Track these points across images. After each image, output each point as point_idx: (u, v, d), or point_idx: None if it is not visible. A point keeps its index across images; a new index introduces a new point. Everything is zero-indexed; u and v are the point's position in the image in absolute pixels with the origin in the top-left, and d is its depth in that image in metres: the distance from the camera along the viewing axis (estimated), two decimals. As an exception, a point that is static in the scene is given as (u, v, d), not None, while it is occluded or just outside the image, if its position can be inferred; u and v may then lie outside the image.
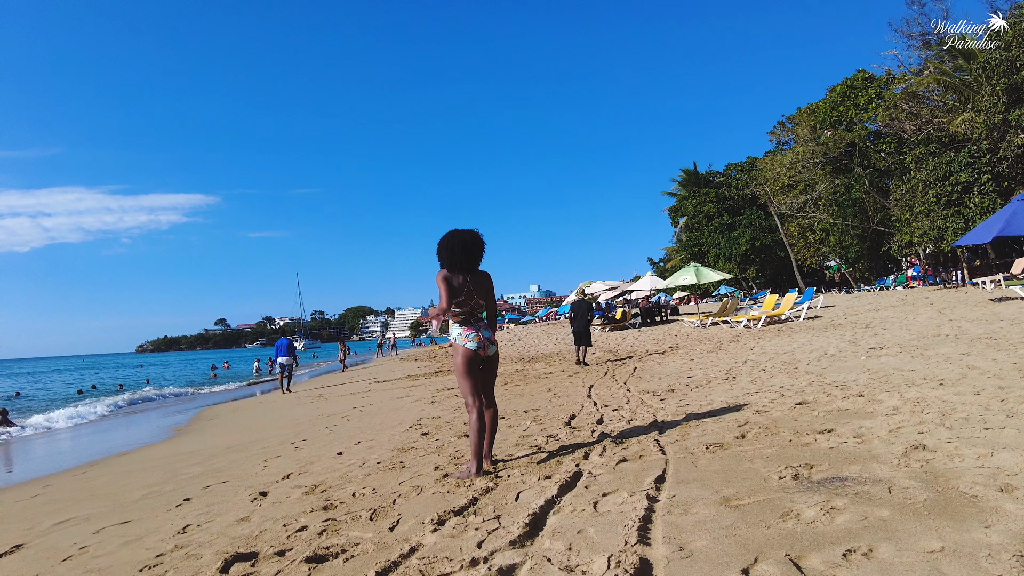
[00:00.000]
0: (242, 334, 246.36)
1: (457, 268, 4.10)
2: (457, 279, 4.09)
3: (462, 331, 4.12)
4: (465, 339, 4.09)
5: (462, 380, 4.12)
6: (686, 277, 20.98)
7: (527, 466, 4.08)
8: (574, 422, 5.78)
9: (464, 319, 4.14)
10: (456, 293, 4.05)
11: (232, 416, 12.96)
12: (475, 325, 4.15)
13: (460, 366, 4.10)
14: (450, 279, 4.05)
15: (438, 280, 4.01)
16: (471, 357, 4.11)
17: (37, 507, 5.56)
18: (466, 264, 4.12)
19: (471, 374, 4.13)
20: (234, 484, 5.13)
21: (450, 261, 4.08)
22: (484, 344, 4.13)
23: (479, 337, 4.12)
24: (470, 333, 4.10)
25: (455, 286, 4.05)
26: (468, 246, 4.12)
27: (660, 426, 4.99)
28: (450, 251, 4.09)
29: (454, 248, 4.08)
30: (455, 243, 4.10)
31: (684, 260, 50.47)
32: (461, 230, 4.18)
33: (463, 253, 4.09)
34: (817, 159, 36.62)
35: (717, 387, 7.05)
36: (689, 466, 3.56)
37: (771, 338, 13.35)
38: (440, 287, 3.98)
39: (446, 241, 4.13)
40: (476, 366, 4.15)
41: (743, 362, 9.44)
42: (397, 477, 4.40)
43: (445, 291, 3.95)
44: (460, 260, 4.09)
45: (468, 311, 4.14)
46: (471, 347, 4.07)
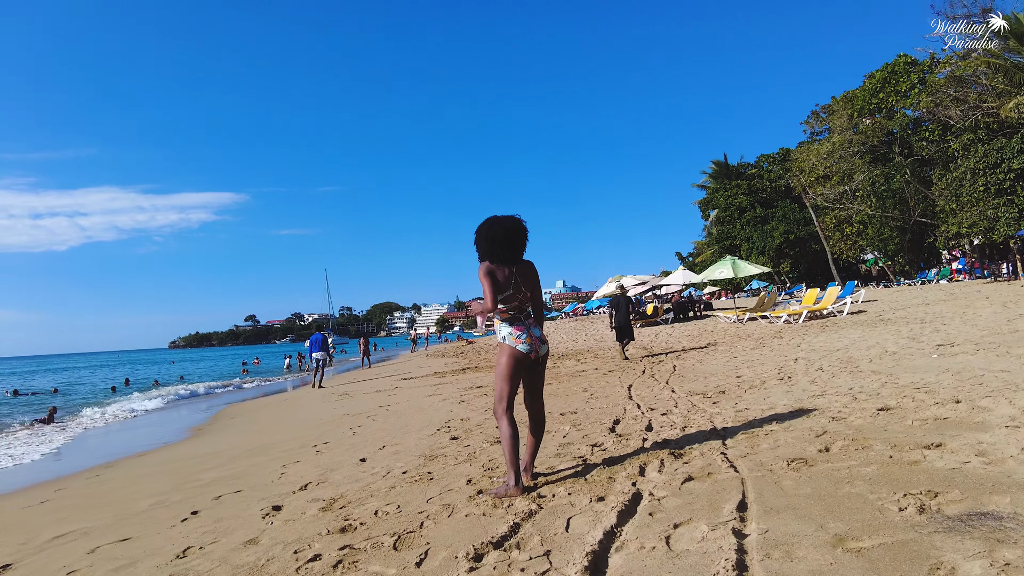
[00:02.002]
0: (271, 330, 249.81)
1: (500, 260, 3.57)
2: (502, 272, 3.56)
3: (512, 330, 3.59)
4: (516, 340, 3.56)
5: (502, 383, 3.59)
6: (722, 271, 20.14)
7: (573, 483, 3.54)
8: (619, 428, 5.21)
9: (513, 316, 3.61)
10: (502, 288, 3.53)
11: (256, 414, 12.66)
12: (525, 323, 3.62)
13: (504, 368, 3.58)
14: (494, 272, 3.52)
15: (481, 275, 3.50)
16: (520, 360, 3.58)
17: (42, 515, 5.20)
18: (510, 254, 3.59)
19: (514, 379, 3.60)
20: (247, 494, 4.68)
21: (491, 252, 3.57)
22: (536, 345, 3.60)
23: (531, 338, 3.59)
24: (521, 333, 3.57)
25: (500, 280, 3.53)
26: (510, 234, 3.59)
27: (721, 435, 4.39)
28: (490, 241, 3.57)
29: (495, 237, 3.56)
30: (496, 232, 3.57)
31: (715, 254, 49.23)
32: (500, 217, 3.65)
33: (505, 243, 3.56)
34: (855, 148, 35.24)
35: (774, 388, 6.42)
36: (772, 488, 2.97)
37: (816, 334, 12.60)
38: (484, 283, 3.46)
39: (485, 230, 3.61)
40: (522, 370, 3.63)
41: (794, 360, 8.76)
42: (425, 491, 3.89)
43: (490, 287, 3.44)
44: (503, 250, 3.57)
45: (517, 306, 3.61)
46: (522, 350, 3.55)
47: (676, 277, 27.51)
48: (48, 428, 13.54)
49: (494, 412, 3.68)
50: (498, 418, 3.61)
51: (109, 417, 15.29)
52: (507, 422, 3.56)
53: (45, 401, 22.27)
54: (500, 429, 3.58)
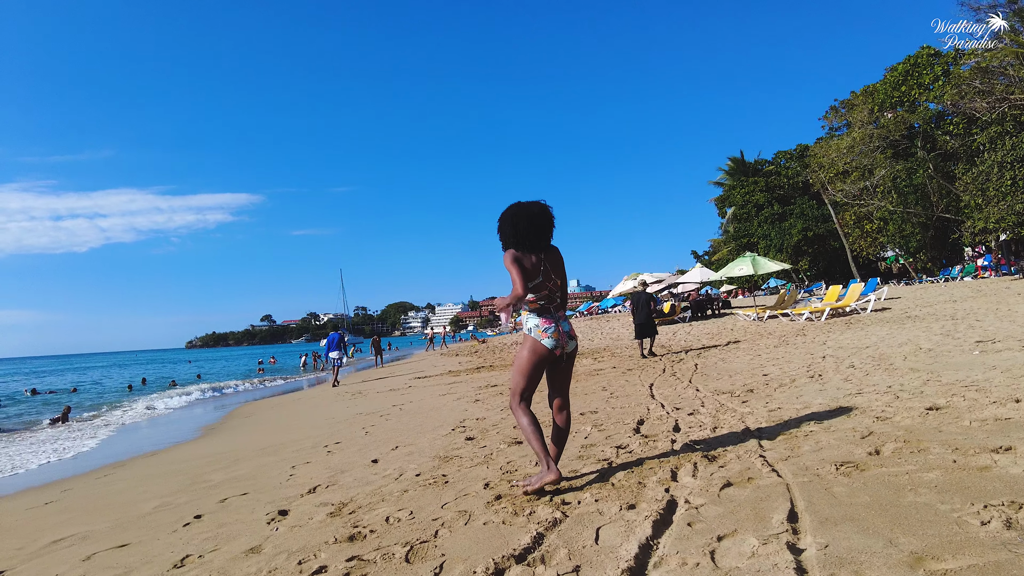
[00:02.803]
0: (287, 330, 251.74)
1: (527, 246, 3.32)
2: (529, 259, 3.30)
3: (539, 322, 3.33)
4: (542, 333, 3.30)
5: (519, 377, 3.35)
6: (742, 268, 19.66)
7: (600, 488, 3.27)
8: (644, 429, 4.93)
9: (543, 307, 3.35)
10: (531, 275, 3.28)
11: (270, 413, 12.51)
12: (555, 315, 3.37)
13: (525, 362, 3.33)
14: (522, 259, 3.26)
15: (507, 262, 3.23)
16: (544, 356, 3.32)
17: (44, 517, 5.03)
18: (537, 240, 3.34)
19: (533, 375, 3.35)
20: (254, 497, 4.46)
21: (517, 238, 3.31)
22: (563, 341, 3.34)
23: (558, 332, 3.33)
24: (548, 326, 3.31)
25: (528, 268, 3.27)
26: (537, 218, 3.34)
27: (756, 435, 4.09)
28: (516, 226, 3.32)
29: (521, 222, 3.31)
30: (522, 216, 3.33)
31: (732, 252, 48.55)
32: (525, 202, 3.41)
33: (532, 227, 3.32)
34: (876, 143, 34.50)
35: (805, 387, 6.09)
36: (824, 495, 2.68)
37: (841, 331, 12.21)
38: (512, 270, 3.20)
39: (510, 215, 3.37)
40: (544, 367, 3.37)
41: (822, 357, 8.42)
42: (439, 496, 3.64)
43: (519, 274, 3.18)
44: (530, 236, 3.31)
45: (547, 295, 3.35)
46: (547, 345, 3.29)
47: (693, 275, 27.08)
48: (62, 427, 13.50)
49: (510, 405, 3.44)
50: (513, 411, 3.38)
51: (124, 416, 15.23)
52: (523, 412, 3.34)
53: (63, 400, 22.37)
54: (518, 421, 3.35)
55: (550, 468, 3.25)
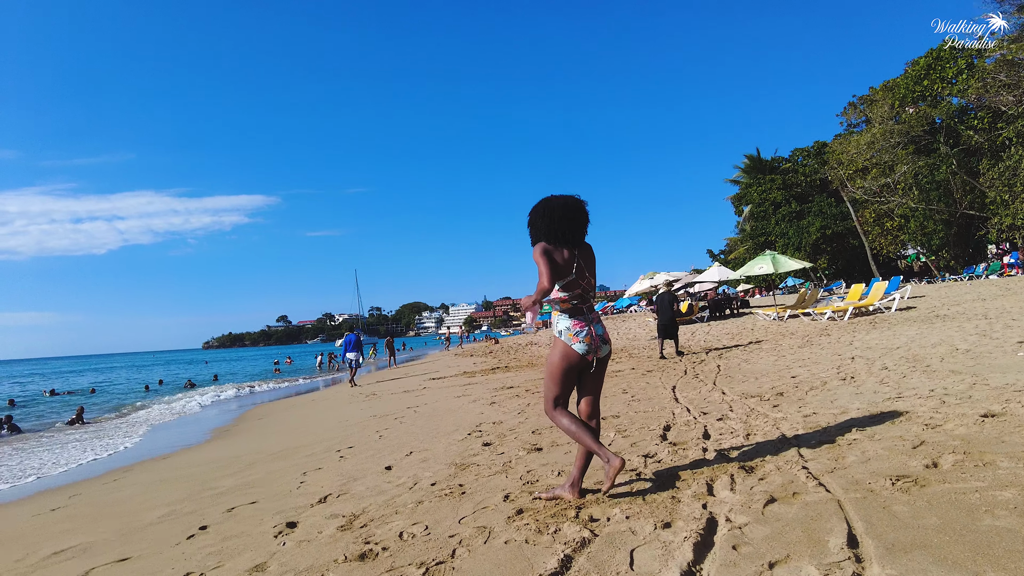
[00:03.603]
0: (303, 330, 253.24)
1: (560, 239, 3.08)
2: (561, 254, 3.06)
3: (570, 325, 3.09)
4: (574, 337, 3.07)
5: (552, 384, 3.13)
6: (761, 266, 19.27)
7: (630, 503, 3.02)
8: (671, 435, 4.67)
9: (575, 307, 3.11)
10: (562, 272, 3.04)
11: (283, 415, 12.37)
12: (587, 317, 3.13)
13: (556, 367, 3.10)
14: (552, 253, 3.03)
15: (536, 255, 2.99)
16: (575, 361, 3.09)
17: (48, 525, 4.87)
18: (571, 233, 3.10)
19: (566, 381, 3.12)
20: (262, 506, 4.27)
21: (549, 230, 3.08)
22: (596, 345, 3.10)
23: (591, 336, 3.09)
24: (580, 330, 3.08)
25: (560, 263, 3.04)
26: (571, 211, 3.11)
27: (794, 444, 3.82)
28: (549, 217, 3.08)
29: (553, 213, 3.08)
30: (556, 207, 3.10)
31: (749, 251, 47.90)
32: (561, 195, 3.18)
33: (565, 219, 3.09)
34: (897, 139, 33.77)
35: (838, 389, 5.79)
36: (883, 515, 2.41)
37: (867, 331, 11.84)
38: (540, 263, 2.96)
39: (542, 207, 3.14)
40: (576, 372, 3.13)
41: (850, 358, 8.09)
42: (456, 508, 3.41)
43: (548, 268, 2.94)
44: (563, 228, 3.08)
45: (580, 295, 3.11)
46: (578, 350, 3.06)
47: (711, 274, 26.66)
48: (79, 428, 13.48)
49: (545, 412, 3.22)
50: (552, 418, 3.16)
51: (140, 417, 15.21)
52: (560, 414, 3.13)
53: (81, 401, 22.50)
54: (559, 425, 3.13)
55: (611, 461, 3.01)
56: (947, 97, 32.54)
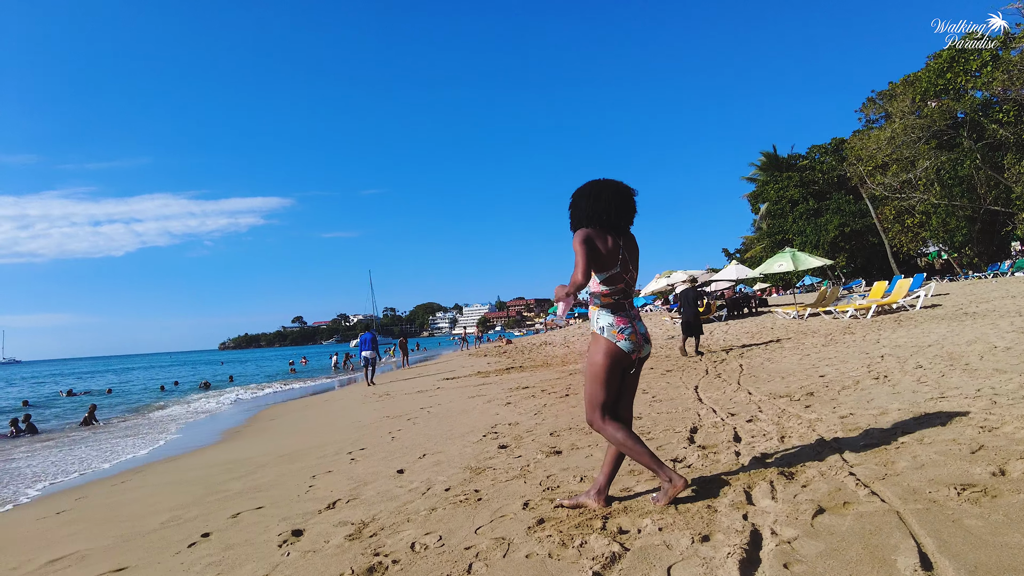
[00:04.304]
0: (318, 331, 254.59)
1: (607, 224, 2.81)
2: (604, 242, 2.79)
3: (614, 321, 2.82)
4: (618, 334, 2.80)
5: (596, 387, 2.83)
6: (781, 264, 18.85)
7: (662, 513, 2.77)
8: (699, 438, 4.40)
9: (617, 303, 2.84)
10: (605, 263, 2.77)
11: (295, 416, 12.22)
12: (630, 314, 2.87)
13: (600, 368, 2.81)
14: (594, 241, 2.75)
15: (577, 242, 2.70)
16: (620, 360, 2.82)
17: (51, 530, 4.71)
18: (619, 219, 2.83)
19: (612, 382, 2.85)
20: (268, 512, 4.06)
21: (595, 214, 2.80)
22: (639, 344, 2.85)
23: (636, 334, 2.83)
24: (625, 326, 2.81)
25: (603, 252, 2.77)
26: (622, 196, 2.84)
27: (835, 448, 3.54)
28: (596, 199, 2.81)
29: (601, 195, 2.81)
30: (604, 189, 2.83)
31: (765, 249, 47.26)
32: (607, 179, 2.91)
33: (613, 204, 2.81)
34: (918, 134, 33.06)
35: (873, 389, 5.49)
36: (955, 530, 2.14)
37: (893, 329, 11.46)
38: (579, 252, 2.67)
39: (590, 187, 2.87)
40: (620, 372, 2.88)
41: (880, 357, 7.76)
42: (472, 517, 3.18)
43: (584, 259, 2.65)
44: (611, 213, 2.81)
45: (624, 289, 2.85)
46: (624, 348, 2.80)
47: (729, 272, 26.24)
48: (94, 427, 13.44)
49: (589, 423, 2.91)
50: (599, 428, 2.87)
51: (155, 418, 15.17)
52: (613, 427, 2.83)
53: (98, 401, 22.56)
54: (611, 439, 2.84)
55: (673, 480, 2.77)
56: (971, 90, 31.80)
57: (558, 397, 8.05)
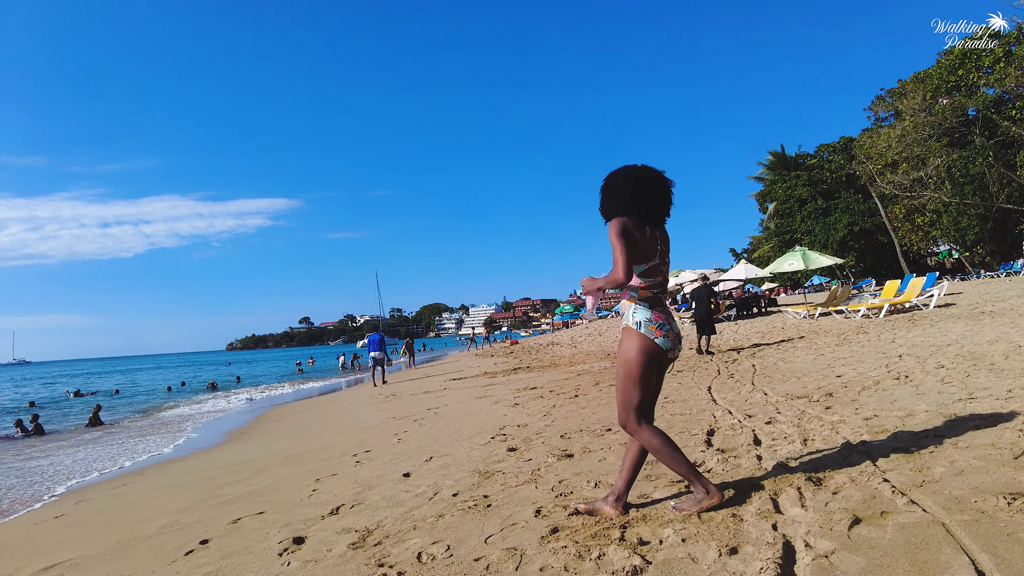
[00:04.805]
0: (325, 331, 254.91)
1: (646, 214, 2.63)
2: (644, 232, 2.61)
3: (652, 315, 2.63)
4: (656, 330, 2.61)
5: (631, 386, 2.65)
6: (791, 263, 18.60)
7: (683, 522, 2.59)
8: (717, 441, 4.23)
9: (654, 297, 2.67)
10: (645, 254, 2.59)
11: (301, 417, 12.11)
12: (666, 309, 2.70)
13: (636, 366, 2.62)
14: (633, 232, 2.57)
15: (614, 234, 2.52)
16: (656, 357, 2.65)
17: (47, 535, 4.59)
18: (658, 209, 2.66)
19: (648, 381, 2.67)
20: (269, 518, 3.92)
21: (634, 203, 2.61)
22: (676, 342, 2.68)
23: (673, 332, 2.66)
24: (663, 323, 2.64)
25: (642, 245, 2.59)
26: (661, 184, 2.67)
27: (863, 452, 3.36)
28: (635, 186, 2.62)
29: (640, 182, 2.63)
30: (643, 176, 2.65)
31: (773, 249, 46.92)
32: (645, 166, 2.73)
33: (653, 192, 2.64)
34: (929, 131, 32.65)
35: (895, 390, 5.30)
36: (1010, 544, 1.97)
37: (908, 328, 11.23)
38: (617, 244, 2.49)
39: (627, 173, 2.67)
40: (656, 371, 2.70)
41: (898, 356, 7.56)
42: (481, 524, 3.02)
43: (625, 254, 2.48)
44: (651, 202, 2.63)
45: (661, 283, 2.68)
46: (662, 345, 2.62)
47: (738, 271, 25.99)
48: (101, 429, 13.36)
49: (623, 426, 2.74)
50: (634, 432, 2.69)
51: (160, 419, 15.09)
52: (650, 432, 2.65)
53: (105, 401, 22.56)
54: (644, 443, 2.67)
55: (710, 492, 2.62)
56: (983, 87, 31.40)
57: (567, 398, 7.89)
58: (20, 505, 6.33)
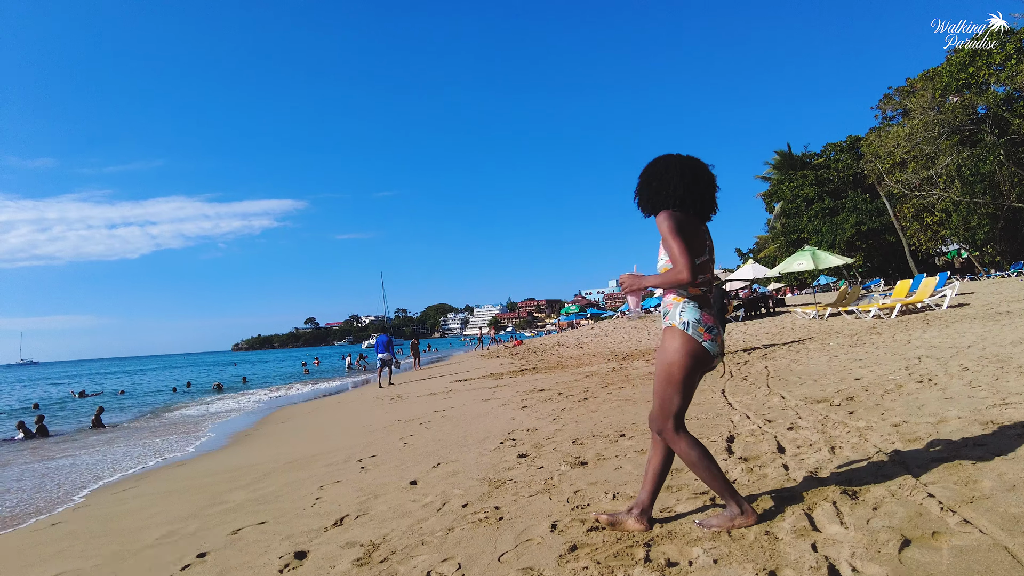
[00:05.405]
0: (330, 332, 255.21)
1: (696, 208, 2.47)
2: (694, 226, 2.45)
3: (701, 316, 2.45)
4: (705, 333, 2.43)
5: (672, 391, 2.46)
6: (801, 262, 18.36)
7: (713, 539, 2.41)
8: (738, 448, 4.04)
9: (703, 297, 2.49)
10: (698, 250, 2.43)
11: (306, 419, 11.95)
12: (713, 311, 2.52)
13: (680, 369, 2.44)
14: (685, 225, 2.40)
15: (668, 226, 2.36)
16: (703, 362, 2.47)
17: (42, 544, 4.43)
18: (710, 203, 2.51)
19: (691, 387, 2.49)
20: (270, 529, 3.75)
21: (685, 195, 2.45)
22: (721, 348, 2.51)
23: (720, 336, 2.49)
24: (712, 326, 2.47)
25: (695, 239, 2.43)
26: (709, 175, 2.51)
27: (899, 462, 3.17)
28: (686, 177, 2.45)
29: (700, 179, 2.47)
30: (703, 173, 2.49)
31: (780, 249, 46.59)
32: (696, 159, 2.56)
33: (704, 184, 2.48)
34: (938, 130, 32.29)
35: (920, 394, 5.09)
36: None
37: (922, 329, 11.01)
38: (676, 239, 2.32)
39: (676, 162, 2.49)
40: (698, 377, 2.52)
41: (917, 358, 7.35)
42: (494, 540, 2.84)
43: (685, 246, 2.31)
44: (701, 196, 2.48)
45: (710, 281, 2.51)
46: (710, 349, 2.44)
47: (745, 271, 25.75)
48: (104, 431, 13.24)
49: (659, 432, 2.55)
50: (670, 440, 2.51)
51: (165, 420, 14.98)
52: (688, 442, 2.48)
53: (110, 402, 22.50)
54: (681, 453, 2.48)
55: (745, 511, 2.45)
56: (993, 84, 31.04)
57: (576, 401, 7.71)
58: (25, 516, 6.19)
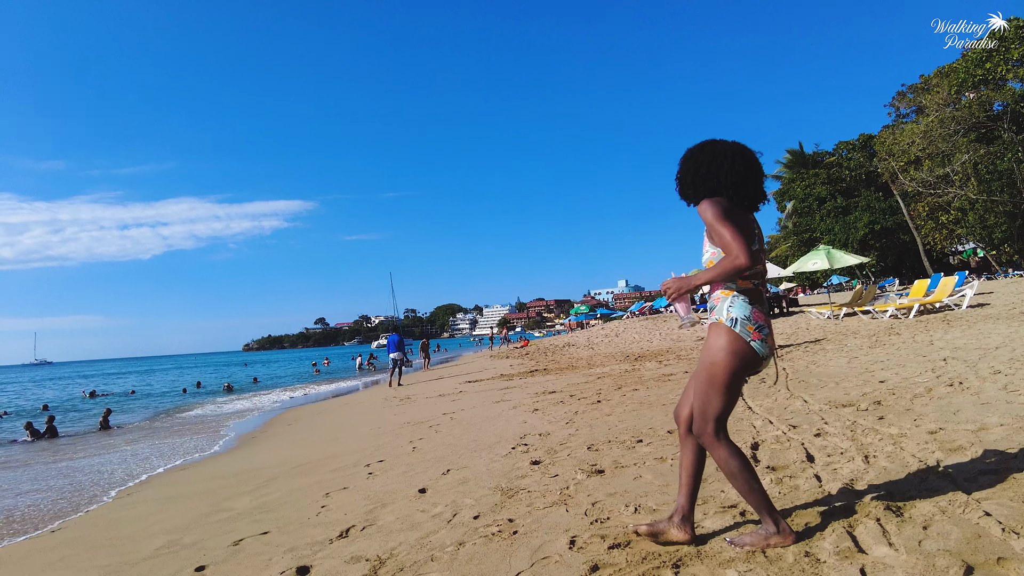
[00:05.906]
0: (340, 332, 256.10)
1: (744, 197, 2.30)
2: (743, 215, 2.28)
3: (751, 313, 2.24)
4: (755, 332, 2.23)
5: (716, 394, 2.26)
6: (815, 262, 18.00)
7: (748, 561, 2.21)
8: (764, 457, 3.83)
9: (755, 291, 2.29)
10: (748, 237, 2.23)
11: (314, 421, 11.82)
12: (766, 308, 2.32)
13: (725, 370, 2.24)
14: (734, 213, 2.22)
15: (718, 214, 2.18)
16: (750, 364, 2.26)
17: (39, 554, 4.30)
18: (757, 193, 2.33)
19: (737, 391, 2.29)
20: (273, 539, 3.58)
21: (734, 182, 2.28)
22: (771, 349, 2.30)
23: (771, 336, 2.29)
24: (763, 324, 2.26)
25: (746, 229, 2.25)
26: (757, 163, 2.33)
27: (942, 474, 2.95)
28: (737, 164, 2.28)
29: (738, 161, 2.29)
30: (755, 162, 2.32)
31: (792, 247, 46.11)
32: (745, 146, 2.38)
33: (752, 172, 2.31)
34: (954, 127, 31.77)
35: (953, 398, 4.86)
36: None
37: (944, 329, 10.72)
38: (727, 224, 2.14)
39: (724, 148, 2.32)
40: (744, 379, 2.32)
41: (943, 360, 7.10)
42: (508, 556, 2.66)
43: (737, 230, 2.13)
44: (752, 183, 2.31)
45: (761, 272, 2.30)
46: (758, 350, 2.25)
47: (757, 271, 25.36)
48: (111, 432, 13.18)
49: (697, 436, 2.33)
50: (709, 446, 2.29)
51: (174, 421, 14.91)
52: (728, 450, 2.26)
53: (120, 402, 22.51)
54: (720, 461, 2.28)
55: (782, 529, 2.25)
56: (1011, 80, 30.51)
57: (589, 403, 7.51)
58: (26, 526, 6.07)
